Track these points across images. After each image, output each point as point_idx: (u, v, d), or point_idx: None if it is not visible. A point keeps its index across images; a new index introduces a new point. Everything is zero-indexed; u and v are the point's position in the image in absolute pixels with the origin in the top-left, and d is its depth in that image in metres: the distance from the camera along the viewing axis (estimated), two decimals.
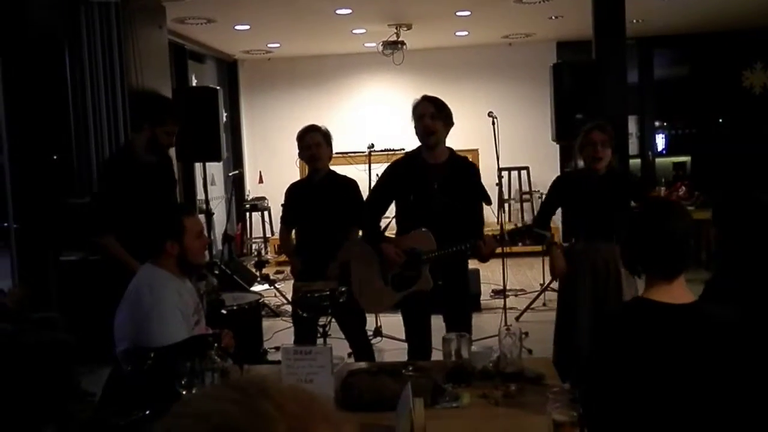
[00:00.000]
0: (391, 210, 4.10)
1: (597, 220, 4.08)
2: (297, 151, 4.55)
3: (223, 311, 4.62)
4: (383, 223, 4.13)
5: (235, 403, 0.70)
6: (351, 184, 4.51)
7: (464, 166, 3.99)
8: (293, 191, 4.59)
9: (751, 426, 1.94)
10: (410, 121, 3.93)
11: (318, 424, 0.73)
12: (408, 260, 3.85)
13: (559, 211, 4.57)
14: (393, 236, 4.04)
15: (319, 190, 4.43)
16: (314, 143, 4.40)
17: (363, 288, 4.05)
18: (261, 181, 10.25)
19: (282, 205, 4.68)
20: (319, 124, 4.57)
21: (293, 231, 4.65)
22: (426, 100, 3.91)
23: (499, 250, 4.47)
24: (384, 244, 3.90)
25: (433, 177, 3.84)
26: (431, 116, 3.81)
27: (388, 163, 4.21)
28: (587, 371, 2.10)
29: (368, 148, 6.75)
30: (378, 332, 5.96)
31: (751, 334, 1.99)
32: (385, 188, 4.03)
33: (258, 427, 0.69)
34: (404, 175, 3.95)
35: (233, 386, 0.73)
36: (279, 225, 4.84)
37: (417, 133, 3.90)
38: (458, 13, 8.02)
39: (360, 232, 4.35)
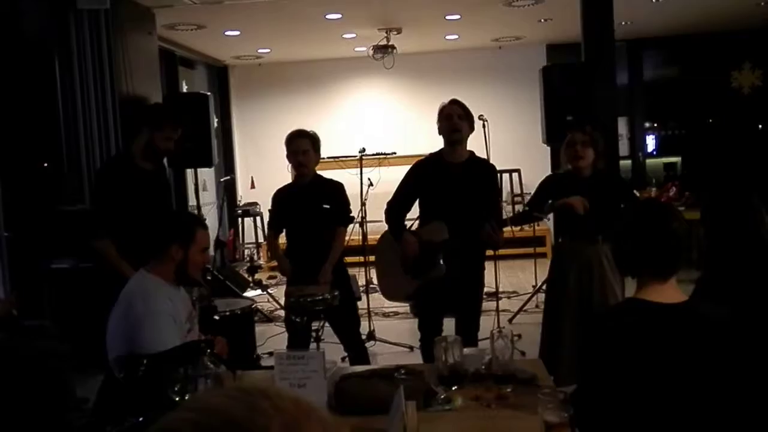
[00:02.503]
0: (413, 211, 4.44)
1: (582, 222, 4.11)
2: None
3: (216, 317, 4.62)
4: (408, 223, 4.50)
5: (235, 400, 0.77)
6: (337, 187, 4.54)
7: (482, 166, 4.33)
8: (280, 196, 4.61)
9: (745, 424, 1.95)
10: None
11: (311, 425, 0.77)
12: (421, 252, 4.14)
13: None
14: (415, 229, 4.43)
15: (306, 193, 4.45)
16: (302, 150, 4.41)
17: (384, 277, 4.55)
18: (253, 186, 10.25)
19: (269, 210, 4.68)
20: (308, 129, 4.58)
21: (281, 236, 4.67)
22: (454, 103, 4.28)
23: (491, 252, 4.58)
24: (405, 234, 4.25)
25: (452, 175, 4.17)
26: (459, 116, 4.20)
27: (380, 167, 4.39)
28: (579, 371, 2.11)
29: (359, 152, 6.75)
30: (371, 336, 5.96)
31: (742, 332, 2.00)
32: (408, 187, 4.35)
33: (254, 421, 0.74)
34: (425, 173, 4.28)
35: (237, 387, 0.80)
36: (267, 231, 4.85)
37: (442, 132, 4.26)
38: (448, 17, 8.04)
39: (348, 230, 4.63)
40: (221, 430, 0.74)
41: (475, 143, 5.88)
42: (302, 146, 4.42)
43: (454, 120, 4.17)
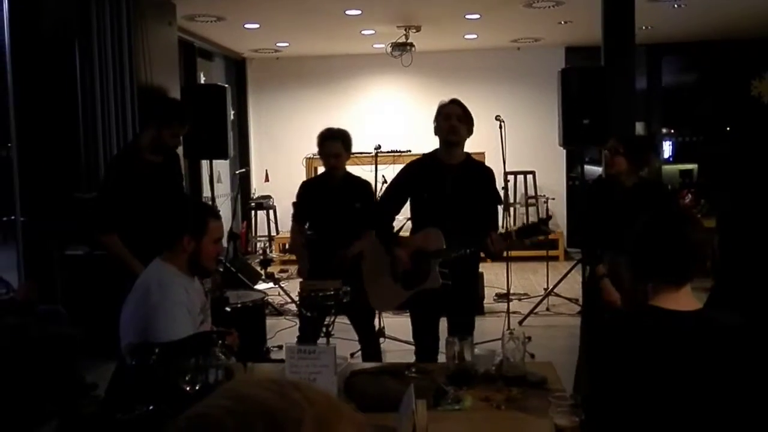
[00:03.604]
0: (407, 211, 4.15)
1: (619, 234, 3.88)
2: (303, 150, 4.57)
3: (228, 309, 4.64)
4: (399, 223, 4.23)
5: (269, 390, 0.78)
6: (366, 186, 4.54)
7: (479, 169, 4.07)
8: (308, 189, 4.60)
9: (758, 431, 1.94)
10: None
11: (342, 420, 0.79)
12: (415, 261, 3.89)
13: (564, 213, 4.54)
14: (407, 235, 4.12)
15: (339, 192, 4.45)
16: (334, 153, 4.41)
17: (372, 284, 4.15)
18: (267, 179, 10.27)
19: (294, 202, 4.67)
20: (339, 126, 4.54)
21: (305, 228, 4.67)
22: (454, 103, 4.00)
23: (503, 253, 4.49)
24: (394, 247, 3.96)
25: (448, 176, 3.92)
26: (458, 118, 3.92)
27: (395, 165, 4.25)
28: (592, 377, 2.11)
29: (375, 149, 6.75)
30: (381, 333, 5.96)
31: (756, 340, 1.99)
32: (399, 187, 4.10)
33: (288, 412, 0.76)
34: (419, 174, 4.02)
35: (269, 378, 0.82)
36: (291, 222, 4.80)
37: (439, 132, 3.98)
38: (467, 16, 8.02)
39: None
40: (257, 418, 0.75)
41: (491, 144, 5.88)
42: (334, 149, 4.40)
43: (453, 121, 3.91)
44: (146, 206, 3.97)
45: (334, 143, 4.41)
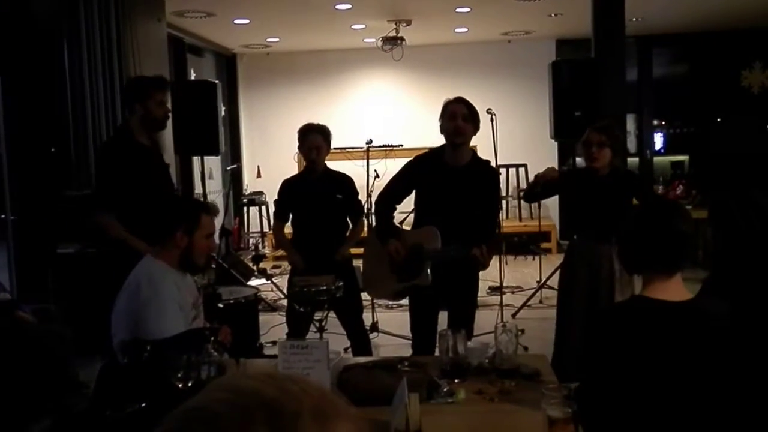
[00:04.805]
0: (406, 205, 4.19)
1: (595, 220, 4.08)
2: (295, 146, 4.59)
3: (220, 305, 4.63)
4: (402, 216, 4.27)
5: (266, 383, 0.79)
6: (347, 179, 4.55)
7: (484, 172, 4.03)
8: (290, 187, 4.61)
9: (745, 421, 1.95)
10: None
11: (339, 413, 0.80)
12: (410, 256, 3.93)
13: (556, 206, 4.62)
14: (408, 228, 4.18)
15: (319, 185, 4.46)
16: (315, 146, 4.42)
17: (370, 270, 4.25)
18: (259, 175, 10.25)
19: (275, 200, 4.69)
20: (319, 122, 4.59)
21: (287, 226, 4.69)
22: (460, 101, 3.95)
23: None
24: (390, 239, 3.98)
25: (452, 179, 3.90)
26: (464, 118, 3.87)
27: (387, 159, 4.26)
28: (583, 368, 2.11)
29: (366, 143, 6.74)
30: (374, 328, 5.96)
31: (747, 331, 2.00)
32: (403, 182, 4.09)
33: (287, 405, 0.76)
34: (424, 172, 4.01)
35: (265, 372, 0.83)
36: (273, 222, 4.86)
37: (444, 132, 3.94)
38: (458, 10, 8.01)
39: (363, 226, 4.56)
40: (257, 410, 0.75)
41: (482, 137, 5.87)
42: (315, 143, 4.41)
43: (458, 122, 3.85)
44: (142, 189, 3.96)
45: (315, 136, 4.42)
